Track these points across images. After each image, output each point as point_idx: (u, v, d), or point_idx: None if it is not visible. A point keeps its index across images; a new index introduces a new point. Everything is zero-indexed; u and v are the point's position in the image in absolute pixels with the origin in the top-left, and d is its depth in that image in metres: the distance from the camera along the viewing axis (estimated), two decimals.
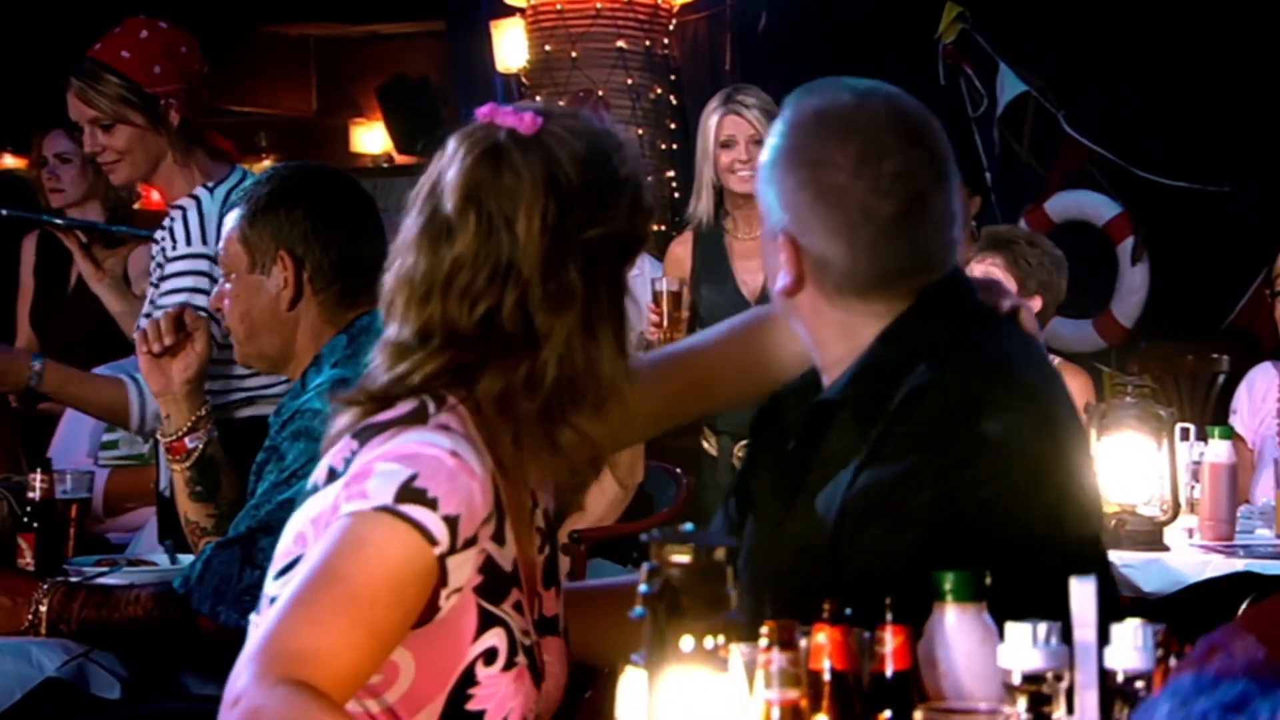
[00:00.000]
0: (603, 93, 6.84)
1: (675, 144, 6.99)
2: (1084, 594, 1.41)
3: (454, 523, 1.66)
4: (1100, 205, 6.77)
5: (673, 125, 7.09)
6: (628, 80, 7.01)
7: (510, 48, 7.25)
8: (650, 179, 1.88)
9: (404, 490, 1.65)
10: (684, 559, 1.30)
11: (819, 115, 1.83)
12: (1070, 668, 1.41)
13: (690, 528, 1.36)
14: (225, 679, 1.56)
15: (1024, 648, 1.40)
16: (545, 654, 1.83)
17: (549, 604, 1.88)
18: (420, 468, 1.66)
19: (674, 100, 7.16)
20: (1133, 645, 1.42)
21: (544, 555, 1.88)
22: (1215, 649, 1.26)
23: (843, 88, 1.85)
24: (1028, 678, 1.39)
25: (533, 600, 1.83)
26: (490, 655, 1.74)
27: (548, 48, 7.11)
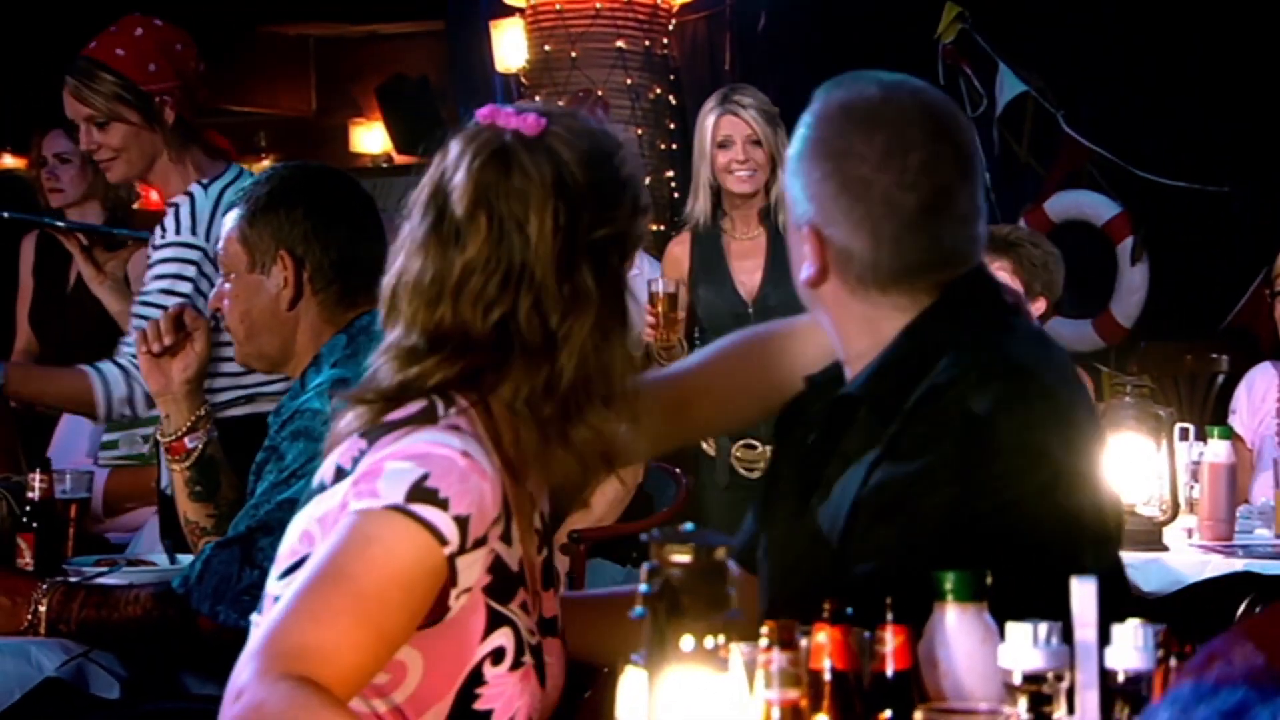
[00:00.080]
0: (602, 93, 6.83)
1: (675, 144, 6.98)
2: (1084, 594, 1.41)
3: (464, 523, 1.66)
4: (1100, 205, 6.77)
5: (672, 125, 7.08)
6: (627, 80, 7.01)
7: (510, 48, 7.24)
8: (648, 179, 1.88)
9: (415, 490, 1.65)
10: (684, 559, 1.29)
11: (845, 107, 1.83)
12: (1071, 668, 1.41)
13: (690, 528, 1.36)
14: (225, 679, 1.56)
15: (1024, 648, 1.39)
16: (546, 655, 1.83)
17: (548, 605, 1.88)
18: (432, 467, 1.66)
19: (673, 100, 7.16)
20: (1133, 645, 1.42)
21: (542, 556, 1.88)
22: (1214, 657, 1.25)
23: (870, 81, 1.85)
24: (1028, 678, 1.39)
25: (534, 601, 1.83)
26: (498, 655, 1.74)
27: (547, 48, 7.10)
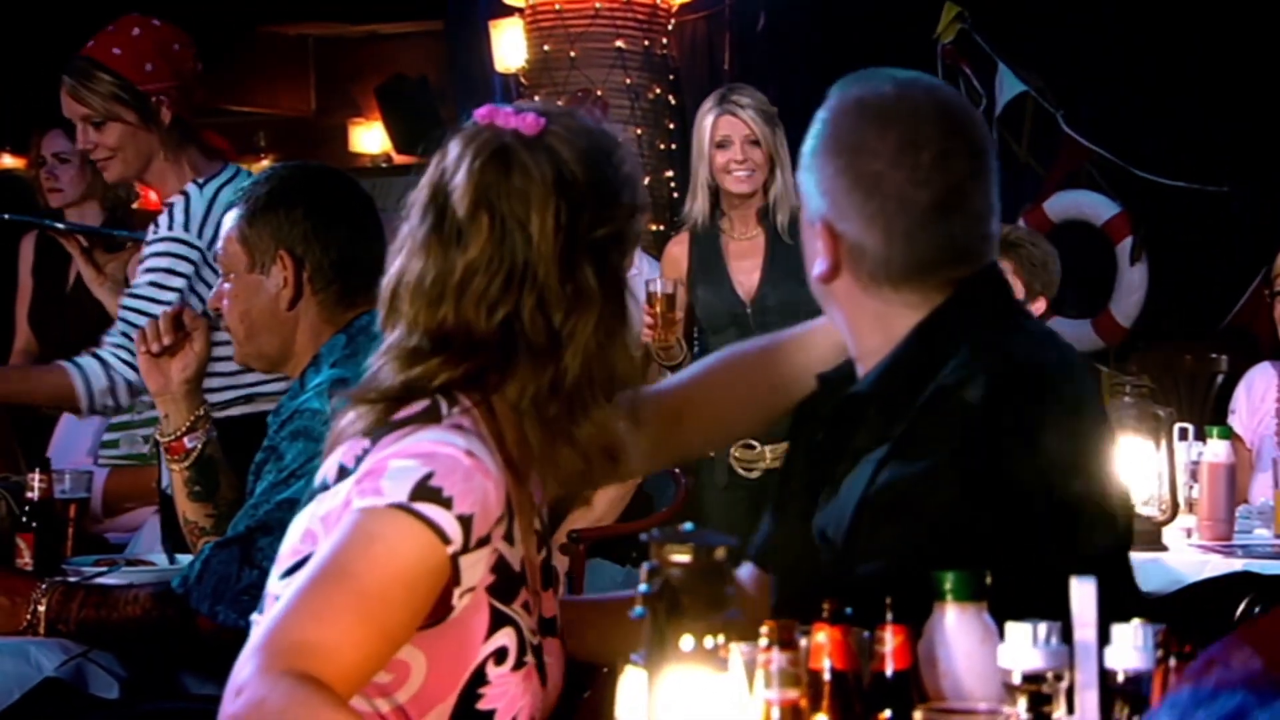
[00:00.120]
0: (601, 92, 6.83)
1: (674, 144, 6.97)
2: (1084, 594, 1.41)
3: (468, 522, 1.66)
4: (1099, 205, 6.77)
5: (671, 125, 7.08)
6: (626, 80, 7.00)
7: (509, 47, 7.24)
8: (648, 179, 1.88)
9: (419, 488, 1.65)
10: (684, 559, 1.29)
11: (860, 104, 1.83)
12: (1070, 668, 1.41)
13: (690, 527, 1.36)
14: (224, 679, 1.56)
15: (1024, 648, 1.39)
16: (545, 655, 1.83)
17: (547, 605, 1.87)
18: (436, 466, 1.66)
19: (673, 100, 7.15)
20: (1133, 645, 1.42)
21: (541, 556, 1.88)
22: (1213, 662, 1.25)
23: (885, 78, 1.85)
24: (1028, 678, 1.39)
25: (535, 601, 1.83)
26: (501, 654, 1.74)
27: (546, 47, 7.10)
